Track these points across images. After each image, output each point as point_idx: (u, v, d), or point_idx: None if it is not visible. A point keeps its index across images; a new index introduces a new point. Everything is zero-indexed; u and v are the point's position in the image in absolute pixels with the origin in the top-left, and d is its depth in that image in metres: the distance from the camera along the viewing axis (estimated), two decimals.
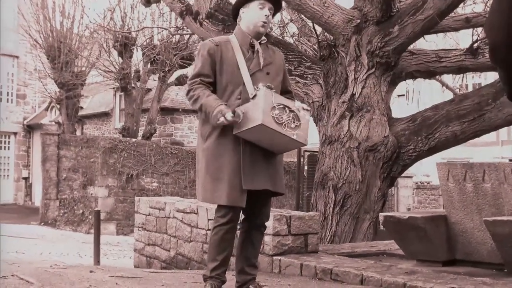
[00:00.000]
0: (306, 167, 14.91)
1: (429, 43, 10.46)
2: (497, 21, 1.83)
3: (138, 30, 19.15)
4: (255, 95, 3.82)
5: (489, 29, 1.87)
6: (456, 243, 4.88)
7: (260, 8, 4.05)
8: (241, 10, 4.15)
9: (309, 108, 4.18)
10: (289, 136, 3.85)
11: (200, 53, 4.07)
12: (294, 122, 3.89)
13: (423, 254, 5.00)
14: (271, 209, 5.45)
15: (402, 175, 20.36)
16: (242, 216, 4.14)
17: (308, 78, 7.76)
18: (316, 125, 7.71)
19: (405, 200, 21.15)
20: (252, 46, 4.05)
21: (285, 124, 3.83)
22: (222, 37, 4.33)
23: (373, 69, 7.21)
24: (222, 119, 3.73)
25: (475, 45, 7.95)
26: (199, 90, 3.91)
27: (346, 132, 7.15)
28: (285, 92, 4.22)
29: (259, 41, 4.08)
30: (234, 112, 3.79)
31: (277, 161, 4.07)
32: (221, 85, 3.97)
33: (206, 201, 3.99)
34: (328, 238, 7.08)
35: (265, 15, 4.05)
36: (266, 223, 4.24)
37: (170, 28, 16.69)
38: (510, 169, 4.62)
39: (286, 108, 3.88)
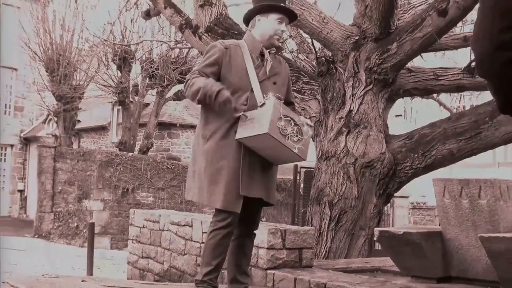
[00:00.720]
0: (302, 185, 14.86)
1: (427, 62, 10.49)
2: (481, 32, 1.83)
3: (138, 43, 19.22)
4: (263, 103, 3.84)
5: (474, 41, 1.86)
6: (451, 260, 4.85)
7: (279, 22, 4.06)
8: (258, 17, 4.11)
9: (312, 125, 4.20)
10: (291, 148, 3.87)
11: (208, 53, 4.04)
12: (297, 136, 3.90)
13: (418, 270, 4.96)
14: (266, 223, 5.43)
15: (398, 195, 20.29)
16: None
17: (306, 94, 7.77)
18: (313, 141, 7.69)
19: (401, 220, 21.06)
20: (262, 54, 4.06)
21: (288, 137, 3.85)
22: (232, 40, 4.31)
23: (371, 86, 7.21)
24: (224, 97, 3.74)
25: (473, 64, 7.96)
26: (196, 78, 3.89)
27: (343, 148, 7.14)
28: (288, 103, 4.23)
29: (268, 50, 4.09)
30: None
31: (272, 173, 4.08)
32: (228, 88, 3.95)
33: (202, 202, 3.99)
34: (323, 254, 7.03)
35: (282, 30, 4.07)
36: (258, 234, 4.23)
37: (169, 42, 16.74)
38: (506, 185, 4.61)
39: (292, 121, 3.91)
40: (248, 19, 4.20)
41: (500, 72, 1.81)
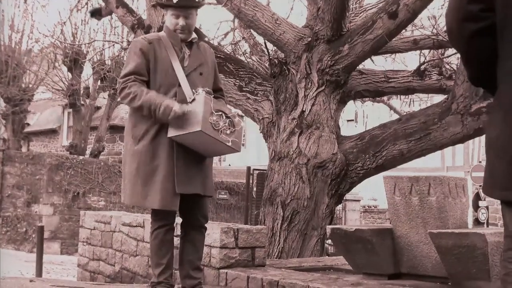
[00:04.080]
0: (255, 188, 14.90)
1: (378, 66, 10.65)
2: (452, 4, 1.93)
3: (89, 43, 18.97)
4: (193, 99, 3.80)
5: (446, 13, 1.98)
6: (401, 257, 4.92)
7: (175, 17, 3.99)
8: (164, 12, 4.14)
9: (243, 115, 4.22)
10: (224, 143, 3.87)
11: (132, 51, 3.98)
12: (229, 129, 3.90)
13: (369, 267, 5.02)
14: (219, 222, 5.41)
15: (350, 198, 20.41)
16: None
17: (259, 95, 7.78)
18: (266, 142, 7.72)
19: (353, 223, 21.32)
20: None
21: (221, 131, 3.84)
22: (153, 34, 4.28)
23: (323, 87, 7.27)
24: (172, 113, 3.70)
25: (422, 67, 8.12)
26: (135, 87, 3.81)
27: (295, 149, 7.17)
28: (216, 90, 4.19)
29: (190, 39, 4.05)
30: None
31: (207, 165, 4.05)
32: (154, 85, 3.89)
33: (135, 204, 3.96)
34: (276, 254, 7.05)
35: (181, 25, 3.99)
36: (211, 234, 4.20)
37: (121, 42, 16.58)
38: (455, 183, 4.71)
39: (223, 114, 3.89)
40: None
41: (468, 42, 1.91)
